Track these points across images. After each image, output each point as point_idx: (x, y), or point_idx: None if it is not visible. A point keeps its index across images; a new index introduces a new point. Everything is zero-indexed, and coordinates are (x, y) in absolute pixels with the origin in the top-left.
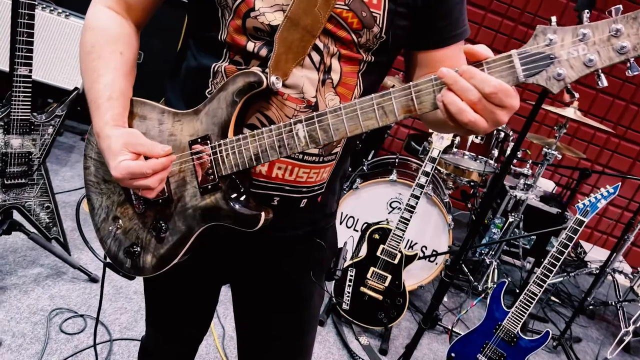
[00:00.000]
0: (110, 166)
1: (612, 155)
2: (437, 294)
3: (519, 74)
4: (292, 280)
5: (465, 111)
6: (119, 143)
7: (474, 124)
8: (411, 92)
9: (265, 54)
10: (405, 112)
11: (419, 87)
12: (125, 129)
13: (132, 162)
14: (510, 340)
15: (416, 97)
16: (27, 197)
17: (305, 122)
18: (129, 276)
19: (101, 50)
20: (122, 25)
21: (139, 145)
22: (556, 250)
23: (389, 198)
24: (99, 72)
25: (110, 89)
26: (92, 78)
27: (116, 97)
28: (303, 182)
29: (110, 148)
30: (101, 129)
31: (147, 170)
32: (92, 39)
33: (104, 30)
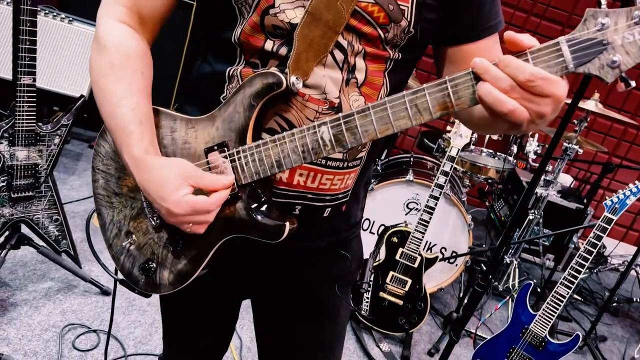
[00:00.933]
0: (167, 200)
1: (630, 147)
2: (469, 305)
3: (569, 62)
4: (315, 293)
5: (502, 101)
6: (175, 175)
7: (514, 114)
8: (447, 86)
9: (285, 52)
10: (442, 110)
11: (455, 82)
12: (172, 159)
13: (195, 198)
14: (538, 344)
15: (453, 93)
16: (35, 210)
17: (330, 125)
18: (145, 294)
19: (121, 72)
20: (139, 43)
21: (199, 179)
22: (584, 249)
23: (405, 199)
24: (121, 94)
25: (139, 113)
26: (114, 102)
27: (146, 122)
28: (326, 190)
29: (165, 180)
30: (141, 157)
31: (212, 207)
32: (109, 58)
33: (121, 49)
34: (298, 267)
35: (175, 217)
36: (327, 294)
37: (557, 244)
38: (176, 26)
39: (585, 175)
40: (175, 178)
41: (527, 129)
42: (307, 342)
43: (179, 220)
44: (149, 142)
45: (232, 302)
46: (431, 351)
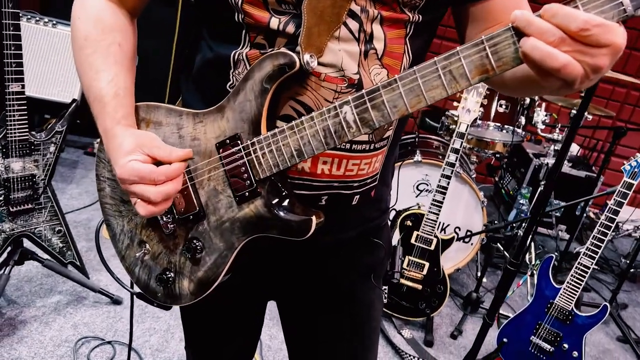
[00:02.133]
0: (116, 164)
1: (634, 110)
2: (500, 286)
3: (626, 5)
4: (347, 287)
5: (553, 55)
6: (132, 142)
7: (566, 69)
8: (485, 47)
9: (293, 30)
10: (481, 74)
11: (493, 40)
12: (141, 131)
13: (139, 164)
14: (565, 318)
15: (492, 53)
16: (37, 223)
17: (353, 103)
18: (165, 306)
19: (97, 43)
20: (116, 14)
21: (155, 148)
22: (605, 218)
23: (415, 181)
24: (98, 67)
25: (115, 85)
26: (90, 75)
27: (123, 95)
28: (353, 176)
29: (122, 146)
30: (111, 128)
31: (158, 177)
32: (84, 30)
33: (96, 19)
34: (327, 262)
35: (122, 182)
36: (360, 287)
37: (569, 214)
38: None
39: (591, 143)
40: (131, 145)
41: (580, 85)
42: (344, 340)
43: (125, 187)
44: (122, 115)
45: (257, 305)
46: (454, 333)
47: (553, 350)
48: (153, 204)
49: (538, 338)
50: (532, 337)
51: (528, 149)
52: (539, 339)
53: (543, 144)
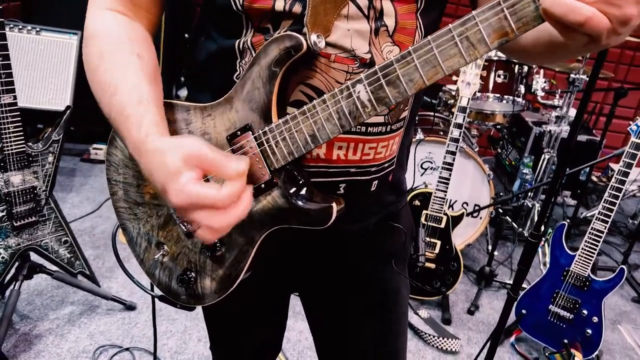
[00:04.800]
0: (168, 191)
1: (629, 69)
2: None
3: None
4: (372, 275)
5: (576, 7)
6: (176, 158)
7: (591, 22)
8: (502, 9)
9: (300, 10)
10: (500, 37)
11: (512, 1)
12: (178, 137)
13: (197, 188)
14: (582, 285)
15: (511, 15)
16: (42, 235)
17: (367, 81)
18: (189, 307)
19: (113, 58)
20: (131, 27)
21: (205, 159)
22: (616, 180)
23: (419, 159)
24: (117, 81)
25: (138, 92)
26: (110, 90)
27: (148, 101)
28: (371, 160)
29: (167, 164)
30: (142, 142)
31: (223, 203)
32: (97, 47)
33: (110, 34)
34: (348, 250)
35: (179, 212)
36: (384, 274)
37: (573, 180)
38: None
39: (589, 106)
40: (176, 162)
41: (608, 41)
42: (371, 329)
43: (183, 214)
44: (149, 122)
45: (280, 298)
46: (471, 309)
47: (572, 318)
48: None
49: (556, 307)
50: (551, 306)
51: (527, 117)
52: (558, 307)
53: (541, 111)
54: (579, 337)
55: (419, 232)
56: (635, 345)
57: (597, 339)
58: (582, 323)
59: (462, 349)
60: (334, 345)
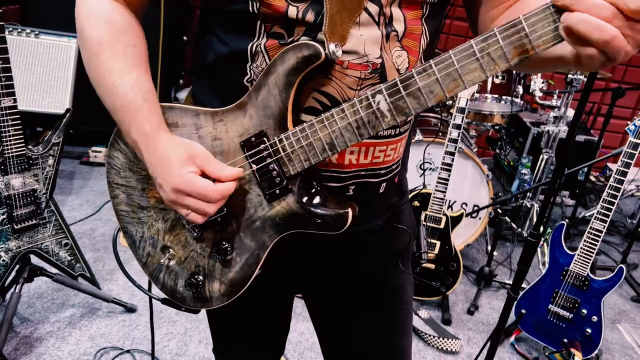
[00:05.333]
0: (170, 173)
1: (627, 69)
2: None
3: None
4: (378, 275)
5: (602, 26)
6: (182, 152)
7: (614, 42)
8: (523, 27)
9: (313, 18)
10: (520, 54)
11: (533, 20)
12: (183, 139)
13: (199, 178)
14: (581, 284)
15: (532, 33)
16: (43, 238)
17: (387, 92)
18: (194, 310)
19: (113, 47)
20: (125, 15)
21: (207, 163)
22: (614, 180)
23: (417, 160)
24: (118, 72)
25: (141, 89)
26: (112, 80)
27: (151, 100)
28: (380, 163)
29: (172, 155)
30: (153, 135)
31: (214, 195)
32: (97, 35)
33: (107, 22)
34: (354, 252)
35: (176, 193)
36: (390, 274)
37: (571, 180)
38: (149, 24)
39: (587, 106)
40: (182, 155)
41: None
42: (377, 328)
43: (179, 198)
44: (159, 120)
45: (285, 299)
46: (470, 309)
47: (572, 317)
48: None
49: (556, 306)
50: (550, 306)
51: (525, 118)
52: (557, 307)
53: (539, 111)
54: (578, 336)
55: (420, 230)
56: (634, 344)
57: (596, 338)
58: (581, 322)
59: (462, 349)
60: (339, 345)
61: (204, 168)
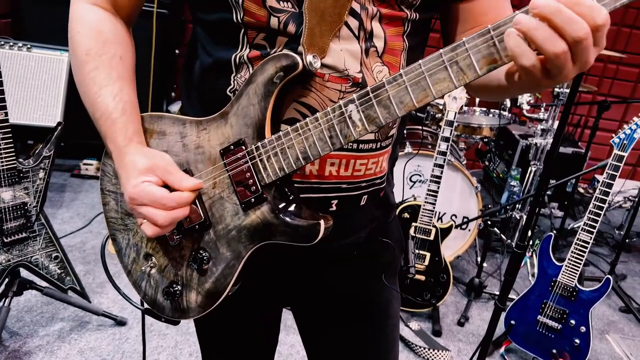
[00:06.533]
0: (128, 182)
1: (612, 82)
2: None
3: None
4: (363, 290)
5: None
6: (146, 163)
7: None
8: (491, 36)
9: (294, 29)
10: (489, 64)
11: (501, 29)
12: (154, 150)
13: (152, 187)
14: (569, 295)
15: (500, 42)
16: (32, 252)
17: (358, 101)
18: (173, 321)
19: (99, 57)
20: (115, 25)
21: (168, 173)
22: (600, 192)
23: (408, 172)
24: (102, 82)
25: (122, 101)
26: (95, 91)
27: (130, 111)
28: (361, 176)
29: (135, 165)
30: (124, 145)
31: (168, 202)
32: (85, 44)
33: (96, 32)
34: (339, 265)
35: (131, 202)
36: (376, 288)
37: (559, 191)
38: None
39: (574, 119)
40: (145, 165)
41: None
42: (364, 343)
43: (133, 207)
44: (133, 131)
45: (271, 313)
46: (461, 321)
47: (560, 328)
48: (160, 227)
49: (545, 317)
50: (539, 317)
51: (514, 130)
52: (546, 317)
53: (528, 124)
54: (567, 347)
55: (408, 244)
56: (623, 355)
57: (585, 348)
58: (570, 333)
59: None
60: (325, 359)
61: (165, 178)
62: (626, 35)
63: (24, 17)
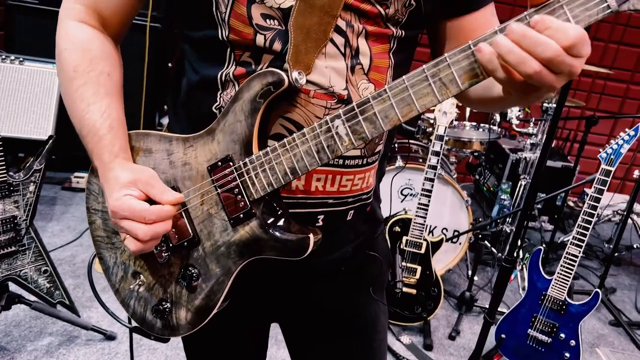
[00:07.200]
0: (110, 196)
1: (600, 98)
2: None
3: (610, 0)
4: (351, 304)
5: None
6: (128, 177)
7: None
8: (472, 52)
9: (280, 47)
10: (471, 78)
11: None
12: (138, 166)
13: (133, 200)
14: (559, 308)
15: None
16: (21, 265)
17: (345, 117)
18: (163, 338)
19: (87, 74)
20: (103, 42)
21: (150, 186)
22: (588, 206)
23: (399, 186)
24: (89, 99)
25: (109, 117)
26: (82, 107)
27: (117, 127)
28: (347, 192)
29: (118, 179)
30: (110, 161)
31: (148, 215)
32: (72, 61)
33: (84, 49)
34: (327, 280)
35: (112, 216)
36: (364, 302)
37: (549, 205)
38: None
39: (563, 133)
40: (127, 179)
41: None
42: (351, 358)
43: (116, 221)
44: (119, 148)
45: (259, 328)
46: (452, 334)
47: (550, 341)
48: (142, 241)
49: (535, 331)
50: (529, 330)
51: (504, 144)
52: (536, 331)
53: (518, 138)
54: None
55: (395, 258)
56: None
57: None
58: (560, 347)
59: None
60: None
61: (147, 191)
62: (613, 51)
63: (16, 30)
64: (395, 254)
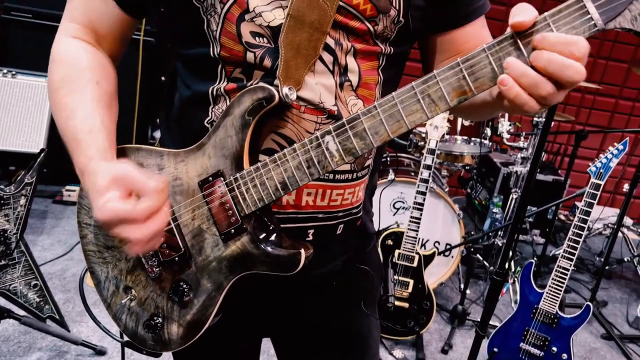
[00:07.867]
0: (95, 208)
1: (590, 112)
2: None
3: (597, 20)
4: (342, 318)
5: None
6: (104, 178)
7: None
8: (461, 69)
9: (270, 63)
10: (459, 95)
11: (470, 62)
12: (114, 162)
13: (117, 204)
14: (551, 322)
15: (469, 75)
16: (11, 280)
17: (335, 132)
18: (155, 353)
19: (73, 84)
20: (95, 54)
21: (130, 180)
22: (578, 219)
23: (391, 199)
24: (73, 107)
25: (91, 121)
26: (66, 115)
27: (98, 130)
28: (338, 206)
29: (95, 185)
30: (85, 165)
31: (137, 216)
32: (60, 72)
33: (74, 60)
34: (318, 294)
35: (103, 226)
36: (355, 316)
37: (540, 218)
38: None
39: (554, 147)
40: (104, 182)
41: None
42: None
43: (110, 231)
44: (95, 149)
45: (250, 343)
46: (445, 348)
47: (542, 355)
48: (140, 242)
49: (527, 344)
50: (521, 344)
51: (495, 158)
52: (528, 345)
53: (509, 152)
54: None
55: (388, 272)
56: None
57: None
58: None
59: None
60: None
61: (129, 187)
62: (602, 67)
63: (9, 43)
64: (387, 268)
